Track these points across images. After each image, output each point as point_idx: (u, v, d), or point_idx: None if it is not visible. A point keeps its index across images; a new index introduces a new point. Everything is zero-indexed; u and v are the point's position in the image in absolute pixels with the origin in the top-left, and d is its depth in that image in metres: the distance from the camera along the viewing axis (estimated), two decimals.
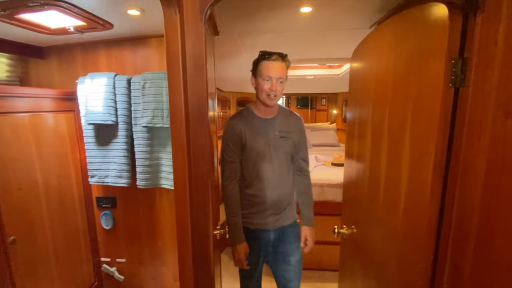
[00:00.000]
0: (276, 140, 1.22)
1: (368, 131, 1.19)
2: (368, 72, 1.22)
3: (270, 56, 1.12)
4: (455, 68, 0.68)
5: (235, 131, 1.19)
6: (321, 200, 2.40)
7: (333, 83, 3.47)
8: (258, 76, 1.15)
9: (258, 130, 1.21)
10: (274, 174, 1.22)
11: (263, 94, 1.14)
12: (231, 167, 1.21)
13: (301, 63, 2.26)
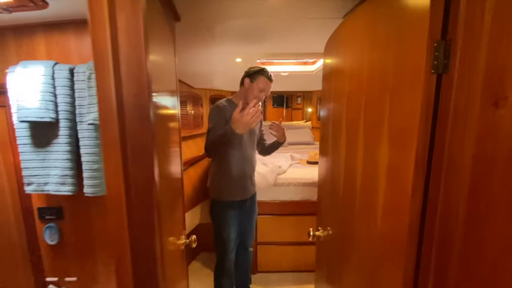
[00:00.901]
0: None
1: (342, 128, 1.11)
2: (341, 64, 1.14)
3: (271, 77, 1.63)
4: (438, 52, 0.60)
5: (223, 110, 1.58)
6: (296, 199, 2.33)
7: (307, 81, 3.43)
8: (255, 83, 1.60)
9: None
10: (252, 152, 1.76)
11: (252, 98, 1.56)
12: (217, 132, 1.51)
13: (274, 58, 2.16)
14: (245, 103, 1.51)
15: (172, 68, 1.18)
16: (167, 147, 0.95)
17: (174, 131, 1.13)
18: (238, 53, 2.11)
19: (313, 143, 4.03)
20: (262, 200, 2.33)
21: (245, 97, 1.62)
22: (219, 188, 1.71)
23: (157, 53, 0.82)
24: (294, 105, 6.78)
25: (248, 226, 1.90)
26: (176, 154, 1.15)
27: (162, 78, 0.90)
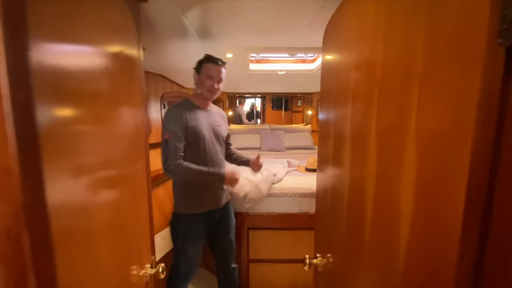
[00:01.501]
0: (215, 127, 1.52)
1: (346, 132, 0.87)
2: (345, 51, 0.90)
3: (215, 60, 1.46)
4: (507, 10, 0.37)
5: (180, 117, 1.39)
6: (294, 212, 2.07)
7: (307, 81, 3.20)
8: (202, 73, 1.44)
9: (201, 118, 1.45)
10: (218, 156, 1.56)
11: (204, 89, 1.45)
12: (177, 147, 1.37)
13: (268, 52, 1.93)
14: (203, 102, 1.50)
15: (136, 58, 0.95)
16: (109, 162, 0.72)
17: (131, 142, 0.89)
18: (228, 47, 1.88)
19: (313, 147, 3.78)
20: (254, 213, 2.08)
21: (199, 93, 1.48)
22: (184, 200, 1.48)
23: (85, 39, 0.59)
24: (294, 108, 6.55)
25: (226, 240, 1.70)
26: (136, 169, 0.91)
27: (99, 73, 0.67)
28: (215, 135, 1.51)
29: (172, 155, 1.36)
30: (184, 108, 1.41)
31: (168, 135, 1.37)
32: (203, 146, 1.45)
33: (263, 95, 5.87)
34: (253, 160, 1.68)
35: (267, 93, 4.83)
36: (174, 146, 1.36)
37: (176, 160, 1.37)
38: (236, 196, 2.04)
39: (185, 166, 1.38)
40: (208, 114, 1.49)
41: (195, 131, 1.40)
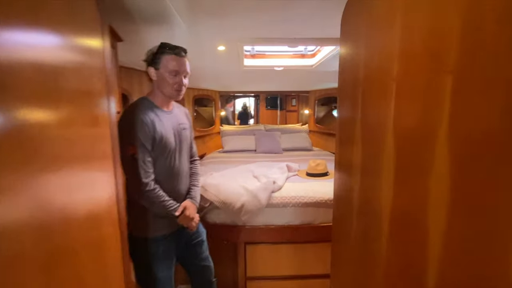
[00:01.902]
0: (181, 132, 1.24)
1: (386, 134, 0.65)
2: (380, 32, 0.68)
3: (178, 51, 1.14)
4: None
5: (146, 123, 1.09)
6: (296, 223, 1.85)
7: (305, 78, 2.98)
8: (162, 69, 1.13)
9: (166, 122, 1.17)
10: (184, 167, 1.28)
11: (169, 88, 1.14)
12: (148, 165, 1.11)
13: (266, 44, 1.70)
14: (166, 102, 1.20)
15: (91, 54, 0.70)
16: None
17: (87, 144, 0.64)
18: (219, 38, 1.64)
19: (311, 148, 3.58)
20: (252, 226, 1.85)
21: (161, 92, 1.16)
22: (144, 221, 1.18)
23: None
24: (288, 107, 6.34)
25: (200, 254, 1.41)
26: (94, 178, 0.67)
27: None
28: (181, 141, 1.23)
29: (145, 176, 1.08)
30: (146, 110, 1.11)
31: (133, 148, 1.06)
32: (169, 158, 1.18)
33: (256, 94, 5.64)
34: (182, 207, 1.22)
35: (261, 91, 4.59)
36: (145, 163, 1.08)
37: (151, 183, 1.10)
38: (231, 208, 1.80)
39: (158, 194, 1.12)
40: (171, 116, 1.20)
41: (162, 140, 1.13)
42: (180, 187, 1.25)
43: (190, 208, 1.23)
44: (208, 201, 1.88)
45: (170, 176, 1.20)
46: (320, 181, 2.12)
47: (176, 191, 1.22)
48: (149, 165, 1.10)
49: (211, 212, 1.89)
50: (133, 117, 1.08)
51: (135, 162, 1.06)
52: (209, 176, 2.19)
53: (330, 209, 1.89)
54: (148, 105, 1.15)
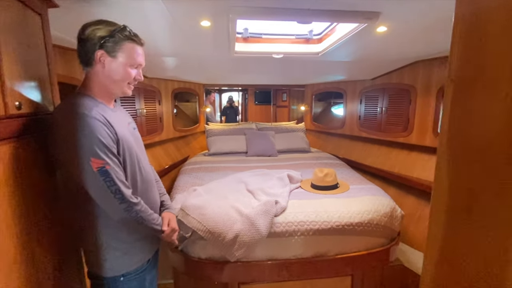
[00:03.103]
0: (132, 131, 1.00)
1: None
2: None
3: (140, 39, 0.90)
4: None
5: (104, 122, 0.82)
6: (307, 256, 1.44)
7: (308, 69, 2.54)
8: (121, 58, 0.86)
9: (117, 121, 0.89)
10: (150, 172, 1.05)
11: (123, 84, 0.89)
12: (122, 173, 0.86)
13: (269, 17, 1.23)
14: (110, 99, 0.92)
15: None
16: None
17: None
18: (203, 8, 1.15)
19: (308, 150, 3.18)
20: (248, 261, 1.41)
21: (106, 87, 0.88)
22: (116, 254, 0.91)
23: None
24: (279, 102, 5.90)
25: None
26: None
27: None
28: (137, 143, 1.00)
29: (126, 189, 0.84)
30: (94, 108, 0.83)
31: (98, 160, 0.78)
32: (137, 164, 0.94)
33: (244, 88, 5.13)
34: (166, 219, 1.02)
35: (254, 85, 4.10)
36: (119, 174, 0.84)
37: (134, 198, 0.86)
38: (220, 239, 1.35)
39: (146, 207, 0.91)
40: (117, 114, 0.95)
41: (124, 142, 0.89)
42: (155, 198, 1.05)
43: (173, 220, 1.06)
44: (189, 229, 1.42)
45: (143, 186, 0.96)
46: (331, 196, 1.71)
47: (151, 202, 1.01)
48: (123, 174, 0.86)
49: (194, 244, 1.43)
50: (81, 119, 0.78)
51: (107, 176, 0.80)
52: (191, 192, 1.71)
53: (348, 236, 1.49)
54: (93, 102, 0.85)
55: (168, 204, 1.12)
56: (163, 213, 1.06)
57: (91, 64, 0.84)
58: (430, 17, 1.25)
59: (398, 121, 2.40)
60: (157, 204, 1.06)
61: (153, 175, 1.08)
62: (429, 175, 2.11)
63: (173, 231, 1.04)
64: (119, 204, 0.82)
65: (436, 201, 0.45)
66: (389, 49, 1.84)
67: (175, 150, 2.98)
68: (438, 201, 0.45)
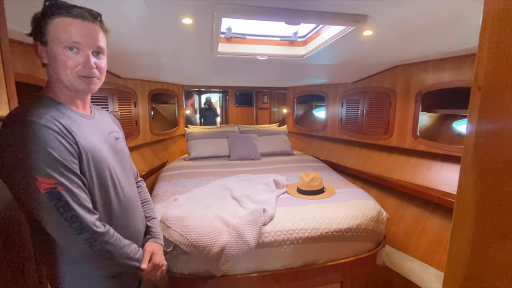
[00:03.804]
0: (113, 143, 0.83)
1: None
2: None
3: (78, 11, 0.67)
4: None
5: (58, 131, 0.65)
6: (297, 266, 1.39)
7: (291, 71, 2.51)
8: (51, 42, 0.67)
9: (87, 129, 0.74)
10: (133, 193, 0.86)
11: (67, 74, 0.68)
12: (83, 194, 0.67)
13: (256, 16, 1.16)
14: (78, 99, 0.76)
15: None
16: None
17: None
18: (184, 3, 1.06)
19: (291, 153, 3.16)
20: (235, 274, 1.33)
21: (61, 83, 0.71)
22: None
23: None
24: (259, 104, 5.86)
25: None
26: None
27: None
28: (118, 157, 0.82)
29: (88, 214, 0.67)
30: (50, 112, 0.66)
31: (46, 179, 0.61)
32: (111, 182, 0.76)
33: (225, 89, 5.03)
34: (147, 253, 0.84)
35: (235, 87, 4.01)
36: (78, 195, 0.66)
37: (98, 222, 0.69)
38: (205, 253, 1.26)
39: (116, 238, 0.72)
40: (93, 121, 0.78)
41: (90, 155, 0.71)
42: (137, 223, 0.86)
43: (158, 253, 0.87)
44: (171, 243, 1.31)
45: (119, 209, 0.78)
46: (318, 201, 1.68)
47: (131, 229, 0.82)
48: (85, 196, 0.68)
49: (177, 259, 1.32)
50: (28, 127, 0.61)
51: (59, 200, 0.62)
52: (172, 203, 1.59)
53: (337, 243, 1.45)
54: (52, 105, 0.69)
55: (155, 232, 0.93)
56: (146, 243, 0.88)
57: (42, 64, 0.71)
58: (412, 23, 1.26)
59: (379, 124, 2.45)
60: (139, 232, 0.87)
61: (136, 196, 0.89)
62: (408, 177, 2.17)
63: (155, 268, 0.84)
64: (76, 235, 0.64)
65: (461, 220, 0.41)
66: (372, 53, 1.86)
67: (152, 155, 2.81)
68: (462, 221, 0.41)
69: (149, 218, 0.94)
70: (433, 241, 1.85)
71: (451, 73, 1.84)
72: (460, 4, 1.02)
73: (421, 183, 2.04)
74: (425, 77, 2.00)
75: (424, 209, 2.00)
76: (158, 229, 0.95)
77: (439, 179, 1.95)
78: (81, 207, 0.65)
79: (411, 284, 1.66)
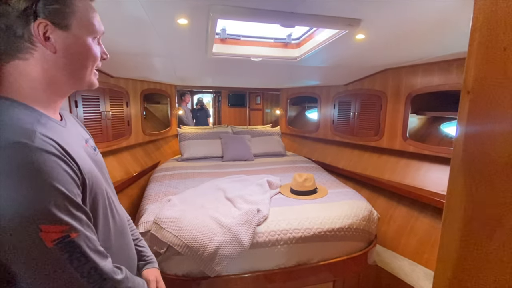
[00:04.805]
0: (93, 155, 0.64)
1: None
2: None
3: None
4: None
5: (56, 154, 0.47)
6: (290, 265, 1.40)
7: (285, 73, 2.53)
8: (74, 28, 0.53)
9: (72, 143, 0.54)
10: (122, 213, 0.73)
11: (86, 69, 0.57)
12: (94, 236, 0.51)
13: (252, 18, 1.17)
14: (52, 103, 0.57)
15: None
16: None
17: None
18: (180, 3, 1.06)
19: (284, 153, 3.18)
20: (228, 275, 1.33)
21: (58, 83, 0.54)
22: None
23: None
24: (252, 105, 5.87)
25: None
26: None
27: None
28: (102, 172, 0.65)
29: (102, 260, 0.51)
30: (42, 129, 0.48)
31: (60, 227, 0.44)
32: (108, 207, 0.62)
33: (216, 91, 5.02)
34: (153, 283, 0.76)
35: (228, 87, 4.01)
36: (91, 238, 0.50)
37: (114, 268, 0.54)
38: (199, 254, 1.25)
39: (134, 281, 0.60)
40: (68, 130, 0.60)
41: (92, 183, 0.56)
42: (130, 247, 0.74)
43: (160, 280, 0.79)
44: (164, 244, 1.30)
45: (117, 236, 0.65)
46: (311, 202, 1.70)
47: (127, 255, 0.70)
48: (95, 237, 0.52)
49: (170, 261, 1.31)
50: (18, 153, 0.43)
51: (73, 251, 0.46)
52: (165, 203, 1.58)
53: (330, 242, 1.48)
54: (30, 115, 0.49)
55: (149, 256, 0.82)
56: (145, 270, 0.77)
57: (20, 49, 0.49)
58: (403, 28, 1.30)
59: (370, 125, 2.50)
60: (134, 256, 0.75)
61: (125, 216, 0.76)
62: (398, 177, 2.22)
63: None
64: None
65: (450, 222, 0.43)
66: (363, 57, 1.90)
67: (144, 156, 2.78)
68: (452, 222, 0.42)
69: (137, 240, 0.82)
70: (422, 240, 1.90)
71: (439, 76, 1.89)
72: (449, 10, 1.06)
73: (410, 183, 2.09)
74: (415, 80, 2.06)
75: (413, 209, 2.05)
76: (150, 252, 0.85)
77: (428, 180, 2.01)
78: (97, 254, 0.50)
79: (401, 282, 1.70)
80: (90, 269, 0.48)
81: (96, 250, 0.50)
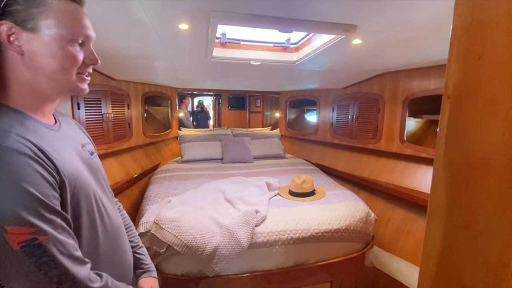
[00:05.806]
0: (89, 160, 0.65)
1: None
2: None
3: None
4: None
5: (30, 155, 0.46)
6: (288, 265, 1.42)
7: (283, 76, 2.56)
8: (45, 30, 0.50)
9: (59, 144, 0.56)
10: (118, 218, 0.71)
11: (70, 73, 0.54)
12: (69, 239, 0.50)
13: (251, 23, 1.21)
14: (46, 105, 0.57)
15: None
16: None
17: None
18: (182, 9, 1.10)
19: (283, 156, 3.21)
20: (227, 275, 1.35)
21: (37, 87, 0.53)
22: None
23: None
24: (252, 108, 5.91)
25: None
26: None
27: None
28: (96, 178, 0.65)
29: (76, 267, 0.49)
30: (20, 131, 0.48)
31: (26, 229, 0.43)
32: (96, 212, 0.61)
33: (217, 93, 5.05)
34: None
35: (228, 90, 4.05)
36: (63, 243, 0.48)
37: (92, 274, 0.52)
38: (198, 253, 1.28)
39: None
40: (61, 133, 0.60)
41: (75, 185, 0.55)
42: (126, 255, 0.71)
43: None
44: (164, 244, 1.32)
45: (107, 242, 0.63)
46: (309, 203, 1.73)
47: (120, 263, 0.68)
48: (72, 242, 0.50)
49: (169, 260, 1.34)
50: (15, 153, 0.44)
51: (41, 255, 0.44)
52: (165, 205, 1.60)
53: (327, 243, 1.50)
54: (10, 116, 0.50)
55: (148, 264, 0.80)
56: (141, 279, 0.76)
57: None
58: (398, 33, 1.33)
59: (368, 128, 2.53)
60: (130, 265, 0.73)
61: (120, 221, 0.73)
62: (396, 180, 2.24)
63: None
64: None
65: (433, 216, 0.45)
66: (361, 61, 1.93)
67: (145, 157, 2.80)
68: (435, 216, 0.45)
69: (136, 247, 0.80)
70: (419, 242, 1.91)
71: (435, 80, 1.93)
72: (443, 16, 1.09)
73: (408, 186, 2.12)
74: (412, 84, 2.09)
75: (411, 211, 2.07)
76: (149, 260, 0.82)
77: (425, 182, 2.03)
78: (71, 260, 0.48)
79: (398, 284, 1.72)
80: (60, 275, 0.46)
81: (69, 255, 0.48)
